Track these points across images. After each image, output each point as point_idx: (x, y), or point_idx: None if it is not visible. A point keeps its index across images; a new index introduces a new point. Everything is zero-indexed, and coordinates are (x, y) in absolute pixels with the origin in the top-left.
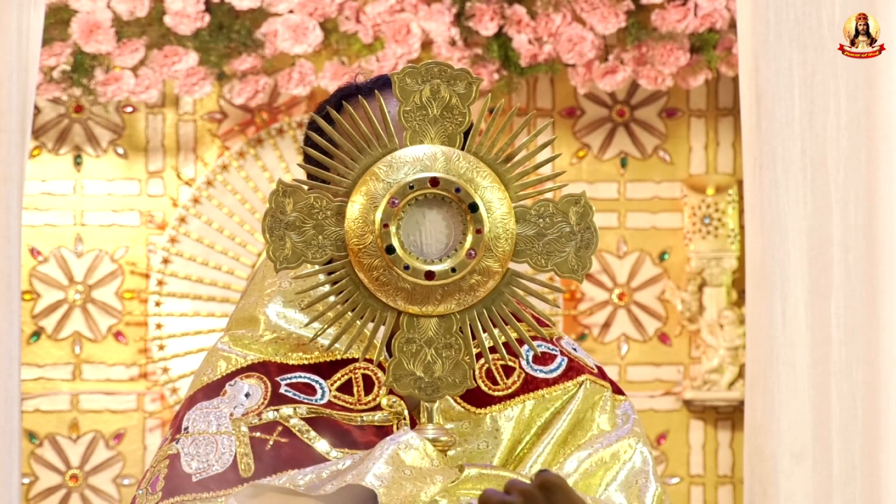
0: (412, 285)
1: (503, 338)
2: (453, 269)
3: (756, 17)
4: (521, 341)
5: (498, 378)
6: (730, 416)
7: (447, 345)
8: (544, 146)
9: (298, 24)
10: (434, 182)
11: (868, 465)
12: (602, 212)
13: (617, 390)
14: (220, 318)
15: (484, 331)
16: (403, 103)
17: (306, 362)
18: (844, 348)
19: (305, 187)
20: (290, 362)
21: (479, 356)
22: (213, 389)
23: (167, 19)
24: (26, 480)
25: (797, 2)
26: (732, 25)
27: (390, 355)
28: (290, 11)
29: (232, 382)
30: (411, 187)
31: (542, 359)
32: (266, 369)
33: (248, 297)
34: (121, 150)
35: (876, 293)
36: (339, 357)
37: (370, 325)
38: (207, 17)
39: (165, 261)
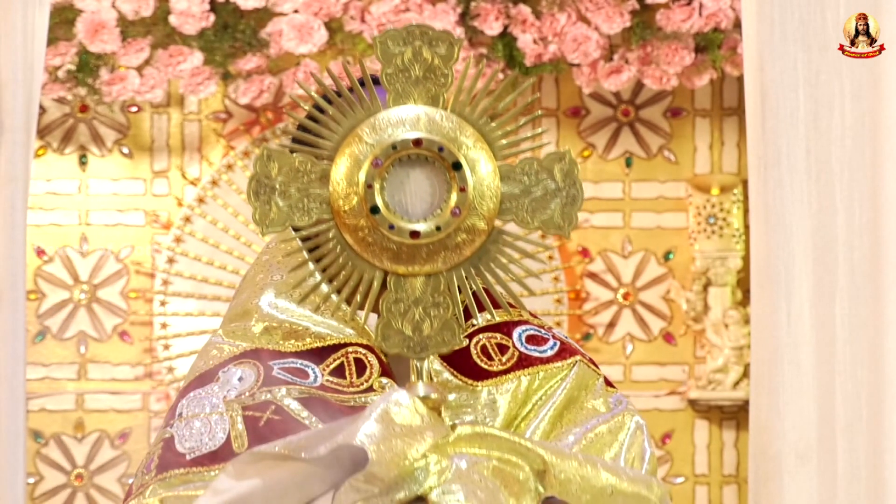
0: (398, 245)
1: (497, 311)
2: (438, 228)
3: (761, 16)
4: (514, 323)
5: (493, 354)
6: (734, 415)
7: (435, 304)
8: (528, 105)
9: (303, 24)
10: (417, 142)
11: (872, 464)
12: (607, 211)
13: (608, 382)
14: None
15: (472, 290)
16: (386, 66)
17: (299, 349)
18: (849, 348)
19: (290, 151)
20: (283, 349)
21: (467, 313)
22: (206, 378)
23: (172, 19)
24: (31, 480)
25: (802, 2)
26: (737, 25)
27: (379, 316)
28: (295, 11)
29: (225, 369)
30: (394, 148)
31: (535, 340)
32: (258, 355)
33: (240, 294)
34: (126, 150)
35: (881, 293)
36: (330, 343)
37: (359, 287)
38: (212, 17)
39: (170, 260)
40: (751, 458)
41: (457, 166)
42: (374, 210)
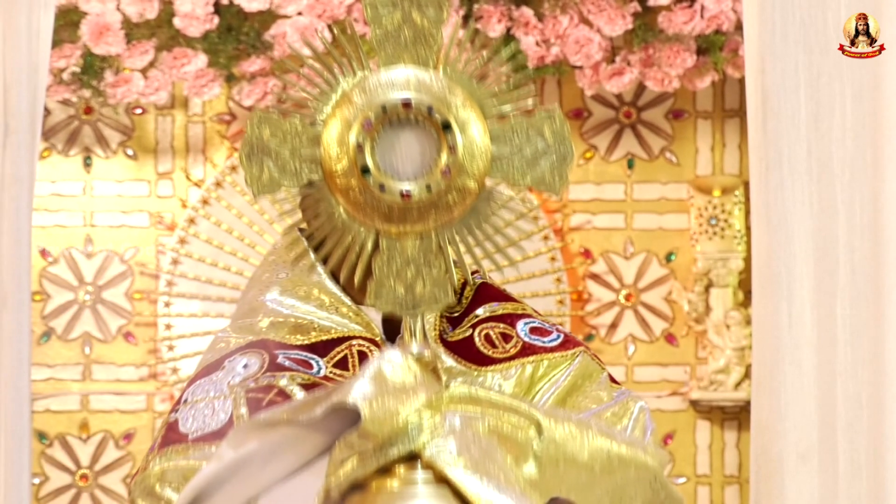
0: (389, 205)
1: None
2: (428, 188)
3: (762, 18)
4: (518, 316)
5: (497, 343)
6: (736, 416)
7: (427, 262)
8: (515, 59)
9: (307, 27)
10: (407, 104)
11: (873, 464)
12: (609, 213)
13: (612, 379)
14: (230, 318)
15: (464, 248)
16: (375, 29)
17: (303, 342)
18: (850, 349)
19: (282, 115)
20: (289, 342)
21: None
22: (212, 368)
23: (176, 21)
24: (36, 480)
25: (803, 3)
26: (739, 27)
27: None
28: (299, 13)
29: (231, 359)
30: (384, 109)
31: (539, 332)
32: (264, 345)
33: (247, 293)
34: (130, 152)
35: (881, 293)
36: (335, 336)
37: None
38: (216, 20)
39: (175, 261)
40: (752, 458)
41: (446, 127)
42: (365, 171)
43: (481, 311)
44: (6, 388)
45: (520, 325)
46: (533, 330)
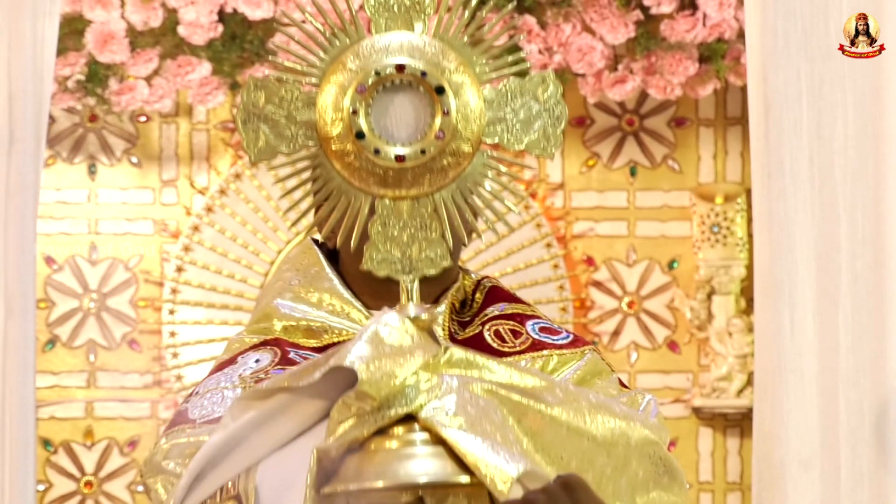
0: (384, 169)
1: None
2: (423, 151)
3: (764, 26)
4: (527, 316)
5: (506, 338)
6: (738, 423)
7: (423, 226)
8: (508, 23)
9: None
10: (400, 68)
11: (875, 472)
12: (612, 220)
13: (621, 383)
14: (234, 325)
15: (459, 211)
16: None
17: (315, 345)
18: (852, 356)
19: (277, 81)
20: (301, 345)
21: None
22: (225, 364)
23: (181, 29)
24: (41, 487)
25: (805, 12)
26: (741, 35)
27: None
28: (303, 21)
29: (244, 355)
30: (378, 74)
31: (548, 331)
32: (277, 343)
33: (261, 300)
34: (135, 160)
35: (883, 301)
36: (346, 338)
37: (347, 212)
38: (220, 28)
39: (179, 269)
40: (754, 465)
41: (440, 91)
42: (360, 135)
43: (491, 310)
44: (11, 396)
45: (529, 324)
46: (542, 329)
